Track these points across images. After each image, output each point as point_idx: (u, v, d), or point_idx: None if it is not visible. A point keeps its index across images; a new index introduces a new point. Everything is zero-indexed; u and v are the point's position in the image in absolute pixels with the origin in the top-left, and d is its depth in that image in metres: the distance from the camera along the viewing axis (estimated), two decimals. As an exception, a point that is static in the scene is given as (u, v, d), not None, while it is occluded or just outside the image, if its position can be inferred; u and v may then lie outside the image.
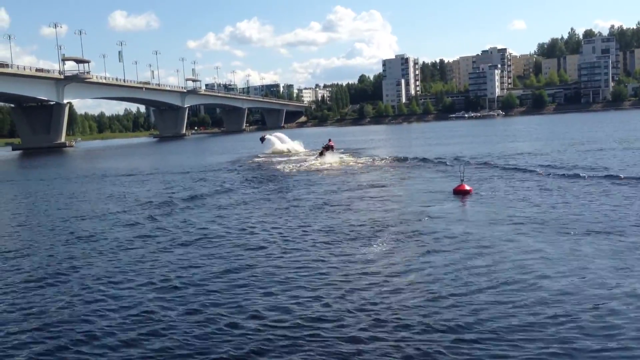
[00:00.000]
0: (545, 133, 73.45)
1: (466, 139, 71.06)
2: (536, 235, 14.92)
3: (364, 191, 25.85)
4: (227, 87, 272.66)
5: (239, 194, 27.30)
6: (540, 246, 13.75)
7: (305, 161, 44.48)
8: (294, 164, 42.58)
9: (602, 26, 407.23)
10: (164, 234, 18.13)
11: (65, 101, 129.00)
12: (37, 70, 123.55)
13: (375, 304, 10.36)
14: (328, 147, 46.57)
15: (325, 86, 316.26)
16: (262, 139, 62.19)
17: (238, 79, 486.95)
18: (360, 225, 17.56)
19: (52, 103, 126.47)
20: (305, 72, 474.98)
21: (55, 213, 24.90)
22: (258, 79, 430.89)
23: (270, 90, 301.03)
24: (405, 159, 41.82)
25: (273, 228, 18.08)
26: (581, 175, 26.52)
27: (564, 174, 27.26)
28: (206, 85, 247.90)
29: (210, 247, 15.78)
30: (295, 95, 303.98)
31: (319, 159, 44.15)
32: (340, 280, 11.89)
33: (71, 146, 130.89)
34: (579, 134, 63.88)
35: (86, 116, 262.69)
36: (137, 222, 20.55)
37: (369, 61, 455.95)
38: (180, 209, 23.48)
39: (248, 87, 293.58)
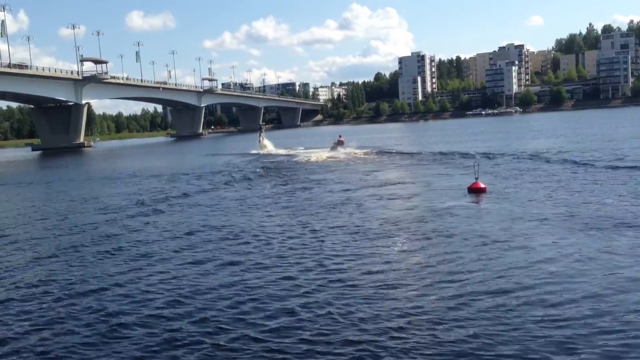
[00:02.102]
0: (565, 129, 72.58)
1: (484, 136, 70.55)
2: (555, 234, 14.75)
3: (377, 189, 25.86)
4: (244, 86, 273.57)
5: (253, 192, 27.48)
6: (560, 246, 13.61)
7: (318, 156, 46.53)
8: (306, 160, 45.07)
9: (621, 21, 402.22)
10: (188, 232, 18.34)
11: (83, 101, 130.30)
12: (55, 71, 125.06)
13: (387, 306, 10.37)
14: (339, 143, 53.34)
15: (341, 84, 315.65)
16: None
17: (254, 78, 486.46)
18: (374, 224, 17.58)
19: (70, 103, 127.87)
20: (321, 71, 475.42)
21: (82, 213, 25.23)
22: (274, 77, 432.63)
23: (286, 88, 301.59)
24: (419, 156, 41.96)
25: (288, 226, 18.16)
26: (603, 169, 26.32)
27: (585, 170, 27.05)
28: (222, 84, 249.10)
29: (226, 246, 15.93)
30: (311, 93, 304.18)
31: (331, 153, 49.19)
32: (355, 280, 11.92)
33: (90, 146, 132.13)
34: (601, 130, 63.09)
35: (104, 116, 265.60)
36: (151, 220, 20.83)
37: (385, 59, 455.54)
38: (195, 207, 23.74)
39: (264, 86, 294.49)
